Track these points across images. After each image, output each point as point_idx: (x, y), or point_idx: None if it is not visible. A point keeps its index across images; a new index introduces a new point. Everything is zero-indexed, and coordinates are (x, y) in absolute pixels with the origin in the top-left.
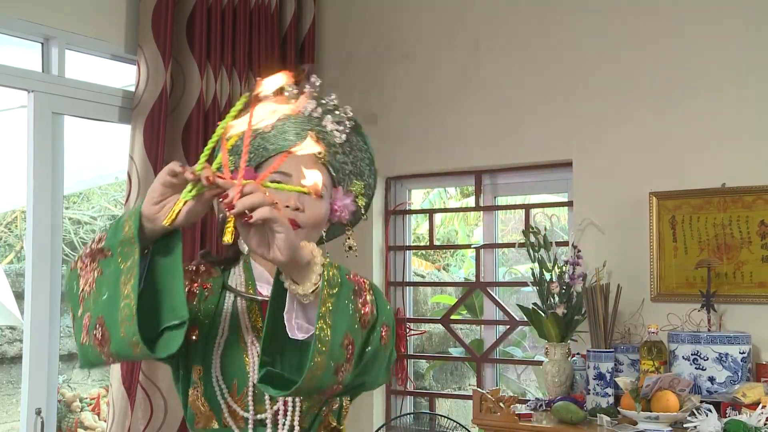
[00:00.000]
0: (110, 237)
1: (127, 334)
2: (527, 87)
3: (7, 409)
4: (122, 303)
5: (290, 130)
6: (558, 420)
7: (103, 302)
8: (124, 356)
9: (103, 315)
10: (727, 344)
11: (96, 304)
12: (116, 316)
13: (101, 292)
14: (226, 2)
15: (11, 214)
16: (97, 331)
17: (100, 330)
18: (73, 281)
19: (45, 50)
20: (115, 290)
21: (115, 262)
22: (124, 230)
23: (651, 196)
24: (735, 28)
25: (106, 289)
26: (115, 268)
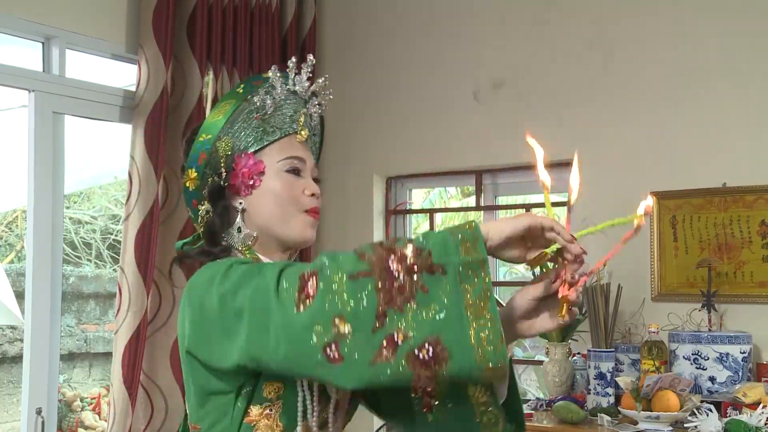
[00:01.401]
0: (439, 254)
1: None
2: (527, 87)
3: (7, 408)
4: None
5: (287, 110)
6: (558, 420)
7: (438, 322)
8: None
9: (439, 335)
10: (728, 344)
11: (425, 323)
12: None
13: (429, 310)
14: (227, 2)
15: (12, 213)
16: (423, 352)
17: (432, 350)
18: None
19: (46, 50)
20: (457, 311)
21: (453, 283)
22: (465, 252)
23: (651, 195)
24: (736, 27)
25: (439, 307)
26: (454, 289)
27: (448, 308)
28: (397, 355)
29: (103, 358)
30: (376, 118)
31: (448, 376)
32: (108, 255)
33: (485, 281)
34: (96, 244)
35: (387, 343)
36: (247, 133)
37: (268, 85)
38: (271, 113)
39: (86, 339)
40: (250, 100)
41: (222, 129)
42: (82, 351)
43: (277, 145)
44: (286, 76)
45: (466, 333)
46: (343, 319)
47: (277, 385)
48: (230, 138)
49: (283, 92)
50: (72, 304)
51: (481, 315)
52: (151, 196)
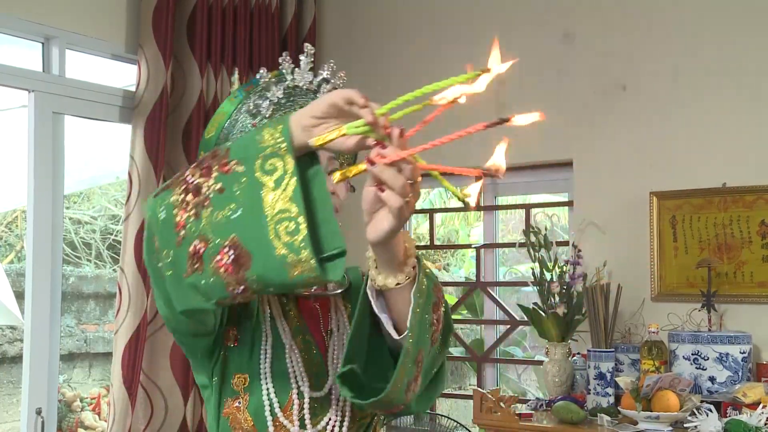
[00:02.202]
0: (238, 151)
1: (290, 251)
2: (527, 86)
3: (7, 408)
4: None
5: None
6: (558, 420)
7: (234, 221)
8: (269, 280)
9: (238, 235)
10: (728, 344)
11: (218, 224)
12: (264, 234)
13: (226, 210)
14: (227, 2)
15: (12, 213)
16: (225, 255)
17: (232, 252)
18: (159, 207)
19: (46, 50)
20: (254, 206)
21: (251, 176)
22: (264, 140)
23: (651, 195)
24: (736, 28)
25: (236, 205)
26: (251, 183)
27: (245, 205)
28: (205, 264)
29: (102, 358)
30: None
31: (256, 277)
32: (108, 255)
33: (288, 168)
34: (96, 245)
35: (192, 253)
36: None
37: (261, 89)
38: (270, 116)
39: (86, 339)
40: (240, 111)
41: (216, 144)
42: (82, 351)
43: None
44: (281, 74)
45: (264, 229)
46: (154, 236)
47: (243, 377)
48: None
49: (280, 90)
50: (72, 305)
51: (283, 206)
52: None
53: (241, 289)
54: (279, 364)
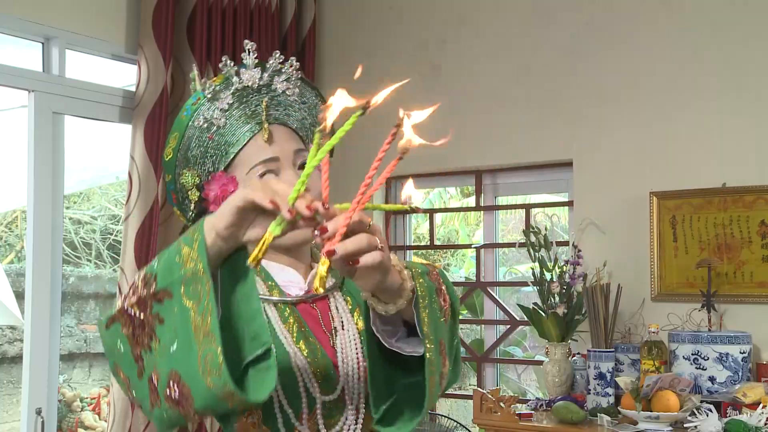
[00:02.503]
0: (164, 275)
1: (216, 385)
2: (528, 87)
3: (7, 408)
4: (201, 350)
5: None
6: (558, 420)
7: (173, 355)
8: (215, 410)
9: (176, 369)
10: (728, 344)
11: (163, 358)
12: (195, 367)
13: (167, 344)
14: (227, 2)
15: (12, 213)
16: (171, 390)
17: (177, 387)
18: (117, 341)
19: (45, 50)
20: (186, 337)
21: (180, 305)
22: (185, 264)
23: (651, 195)
24: (735, 28)
25: (173, 337)
26: (181, 312)
27: (179, 336)
28: (160, 398)
29: (102, 358)
30: (375, 117)
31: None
32: (108, 255)
33: (206, 291)
34: (96, 245)
35: (151, 387)
36: (209, 155)
37: (206, 100)
38: (225, 124)
39: (86, 339)
40: (193, 126)
41: (177, 165)
42: (82, 351)
43: (243, 154)
44: (227, 79)
45: (194, 362)
46: (119, 367)
47: None
48: (191, 168)
49: (228, 97)
50: (72, 305)
51: (205, 337)
52: (151, 197)
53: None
54: (286, 373)
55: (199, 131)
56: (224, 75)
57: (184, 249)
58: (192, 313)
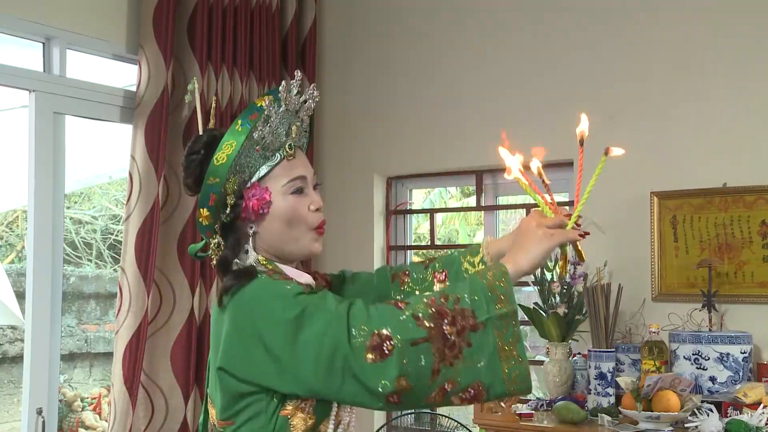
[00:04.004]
0: (482, 311)
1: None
2: (529, 87)
3: (8, 408)
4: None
5: (281, 131)
6: (559, 420)
7: (480, 369)
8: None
9: (481, 380)
10: (729, 344)
11: (469, 372)
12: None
13: (475, 361)
14: (228, 2)
15: (12, 213)
16: (466, 393)
17: (473, 392)
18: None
19: (46, 50)
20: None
21: (491, 335)
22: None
23: (652, 195)
24: (736, 28)
25: (479, 357)
26: (492, 341)
27: (487, 357)
28: (445, 397)
29: (103, 358)
30: (376, 118)
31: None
32: (108, 255)
33: (515, 328)
34: (96, 244)
35: (438, 390)
36: (251, 166)
37: (264, 116)
38: (269, 141)
39: (87, 339)
40: (251, 137)
41: (229, 171)
42: (83, 351)
43: (279, 169)
44: (278, 100)
45: (499, 374)
46: (405, 378)
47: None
48: (236, 176)
49: (278, 117)
50: (72, 304)
51: (511, 356)
52: (152, 197)
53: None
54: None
55: (252, 143)
56: (278, 98)
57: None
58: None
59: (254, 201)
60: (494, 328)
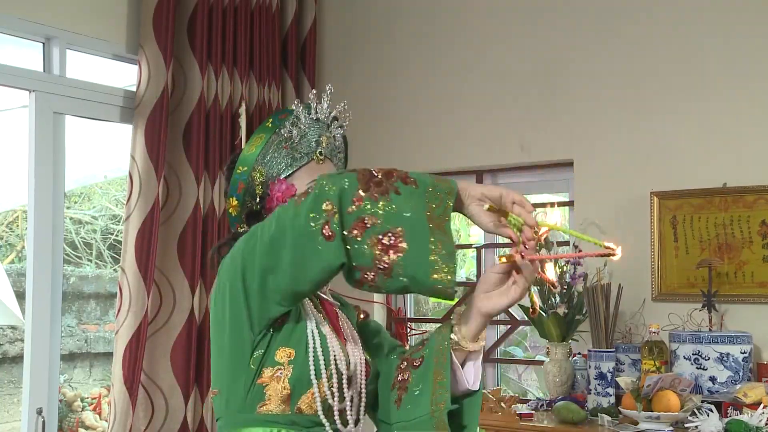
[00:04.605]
0: (416, 176)
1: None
2: (528, 86)
3: (8, 408)
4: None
5: (311, 136)
6: (559, 420)
7: (404, 217)
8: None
9: (403, 227)
10: (729, 344)
11: (390, 214)
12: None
13: (400, 208)
14: (227, 2)
15: (12, 213)
16: (385, 237)
17: (394, 239)
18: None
19: (46, 50)
20: (420, 216)
21: (419, 196)
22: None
23: (652, 195)
24: (736, 28)
25: (406, 208)
26: (419, 201)
27: (414, 211)
28: (364, 235)
29: (103, 358)
30: (376, 118)
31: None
32: (108, 255)
33: (448, 206)
34: (96, 244)
35: (358, 222)
36: (279, 161)
37: (294, 117)
38: (298, 141)
39: (87, 339)
40: (279, 133)
41: (256, 161)
42: (83, 351)
43: (305, 169)
44: (309, 106)
45: (425, 236)
46: (328, 201)
47: (289, 351)
48: (264, 167)
49: (307, 121)
50: (72, 304)
51: (439, 229)
52: (152, 197)
53: (384, 265)
54: (323, 344)
55: (281, 139)
56: (308, 104)
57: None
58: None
59: (279, 194)
60: (426, 194)
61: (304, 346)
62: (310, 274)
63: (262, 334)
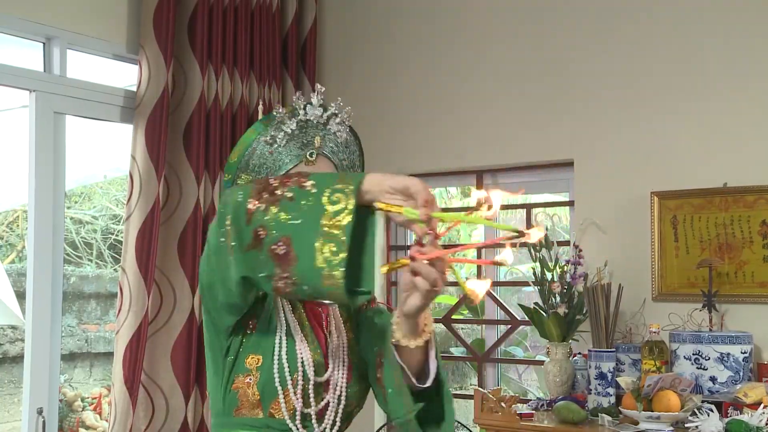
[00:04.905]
0: (316, 177)
1: (328, 266)
2: (529, 86)
3: (8, 408)
4: (324, 236)
5: (301, 139)
6: (559, 420)
7: (292, 225)
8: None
9: (290, 236)
10: (729, 344)
11: (279, 223)
12: (311, 243)
13: (289, 215)
14: (228, 2)
15: (13, 213)
16: (278, 247)
17: (284, 248)
18: (238, 192)
19: (47, 50)
20: (312, 220)
21: (316, 198)
22: (339, 178)
23: (652, 195)
24: (736, 28)
25: (297, 215)
26: (315, 203)
27: (304, 217)
28: (263, 247)
29: (103, 358)
30: (377, 118)
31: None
32: (109, 255)
33: (348, 206)
34: (97, 244)
35: (254, 235)
36: (266, 167)
37: (277, 122)
38: (285, 145)
39: (87, 339)
40: (259, 140)
41: (238, 168)
42: (83, 351)
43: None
44: (294, 109)
45: (312, 241)
46: (228, 216)
47: (257, 357)
48: (249, 173)
49: (293, 124)
50: (73, 304)
51: (332, 231)
52: (152, 197)
53: (285, 275)
54: (290, 350)
55: (263, 145)
56: (292, 107)
57: (343, 174)
58: (325, 211)
59: None
60: (323, 196)
61: (271, 353)
62: (232, 287)
63: (230, 340)
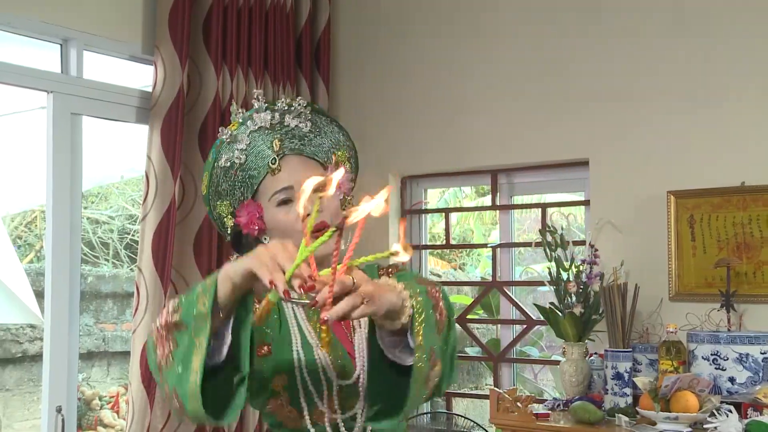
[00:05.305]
0: (186, 311)
1: (195, 409)
2: (544, 85)
3: (28, 406)
4: (191, 378)
5: (263, 148)
6: (576, 420)
7: (177, 376)
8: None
9: (176, 388)
10: (748, 344)
11: (170, 376)
12: (186, 389)
13: (176, 365)
14: (242, 2)
15: (31, 213)
16: (174, 401)
17: (176, 401)
18: (152, 351)
19: (64, 51)
20: (186, 364)
21: (189, 337)
22: (199, 305)
23: (669, 194)
24: (754, 26)
25: (179, 362)
26: (189, 342)
27: (183, 361)
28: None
29: (120, 356)
30: (390, 117)
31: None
32: (125, 255)
33: (205, 332)
34: (113, 244)
35: (165, 393)
36: (238, 187)
37: (227, 143)
38: (246, 161)
39: (104, 338)
40: (216, 166)
41: (211, 198)
42: (101, 350)
43: (266, 183)
44: (243, 122)
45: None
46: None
47: (282, 378)
48: (224, 200)
49: (245, 138)
50: (90, 304)
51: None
52: (168, 196)
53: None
54: (309, 360)
55: (223, 170)
56: (239, 120)
57: (200, 290)
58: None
59: (242, 219)
60: (194, 331)
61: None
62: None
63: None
